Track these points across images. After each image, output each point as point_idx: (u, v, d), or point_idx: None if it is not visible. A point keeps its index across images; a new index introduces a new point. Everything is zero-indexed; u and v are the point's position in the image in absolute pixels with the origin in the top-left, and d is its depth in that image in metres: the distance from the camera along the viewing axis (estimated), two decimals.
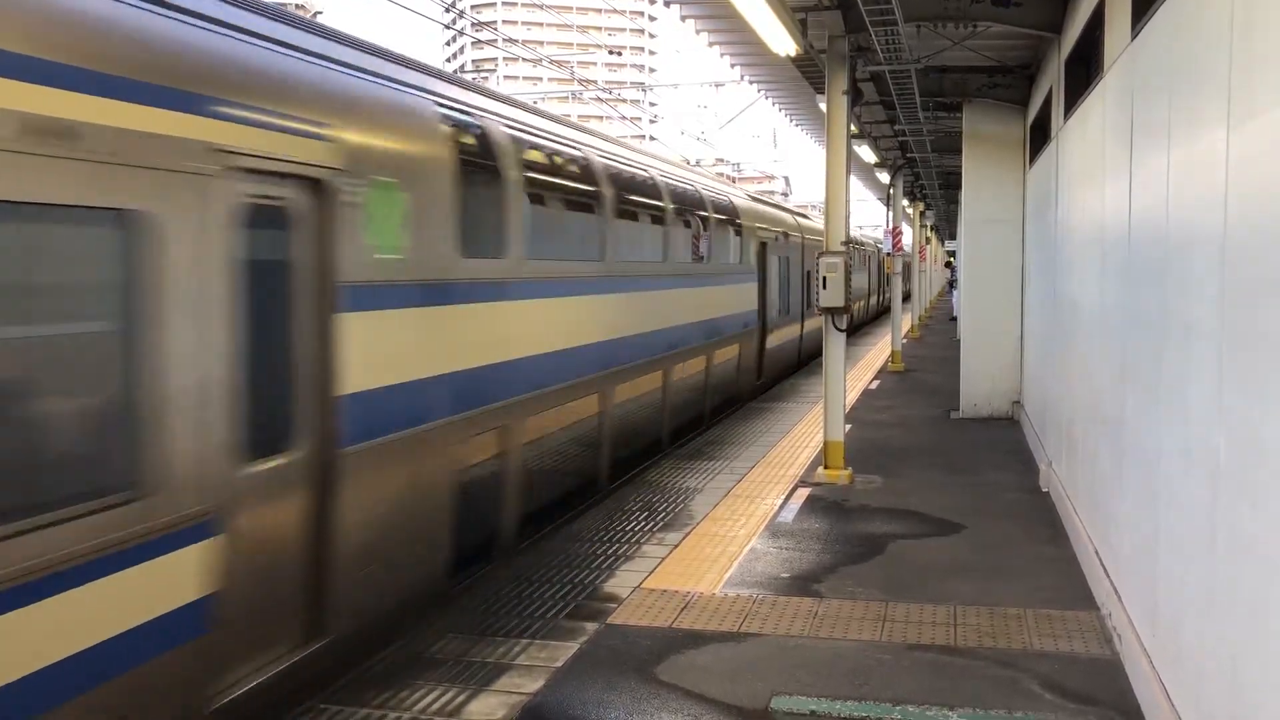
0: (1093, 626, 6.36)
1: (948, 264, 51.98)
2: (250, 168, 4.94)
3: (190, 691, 4.59)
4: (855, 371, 21.29)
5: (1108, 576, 6.47)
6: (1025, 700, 5.34)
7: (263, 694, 5.01)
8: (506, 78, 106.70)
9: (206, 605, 4.63)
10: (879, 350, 26.15)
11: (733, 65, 14.51)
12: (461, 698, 5.42)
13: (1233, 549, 3.75)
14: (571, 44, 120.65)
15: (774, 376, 19.12)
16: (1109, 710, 5.24)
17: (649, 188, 11.70)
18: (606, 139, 11.56)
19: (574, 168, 9.61)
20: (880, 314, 41.43)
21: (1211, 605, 4.01)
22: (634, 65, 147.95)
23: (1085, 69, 8.91)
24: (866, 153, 19.86)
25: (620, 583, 7.33)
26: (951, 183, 27.05)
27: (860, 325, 33.89)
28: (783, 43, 9.80)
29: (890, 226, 24.24)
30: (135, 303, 4.32)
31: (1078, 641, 6.14)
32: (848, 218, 10.74)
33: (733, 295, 15.18)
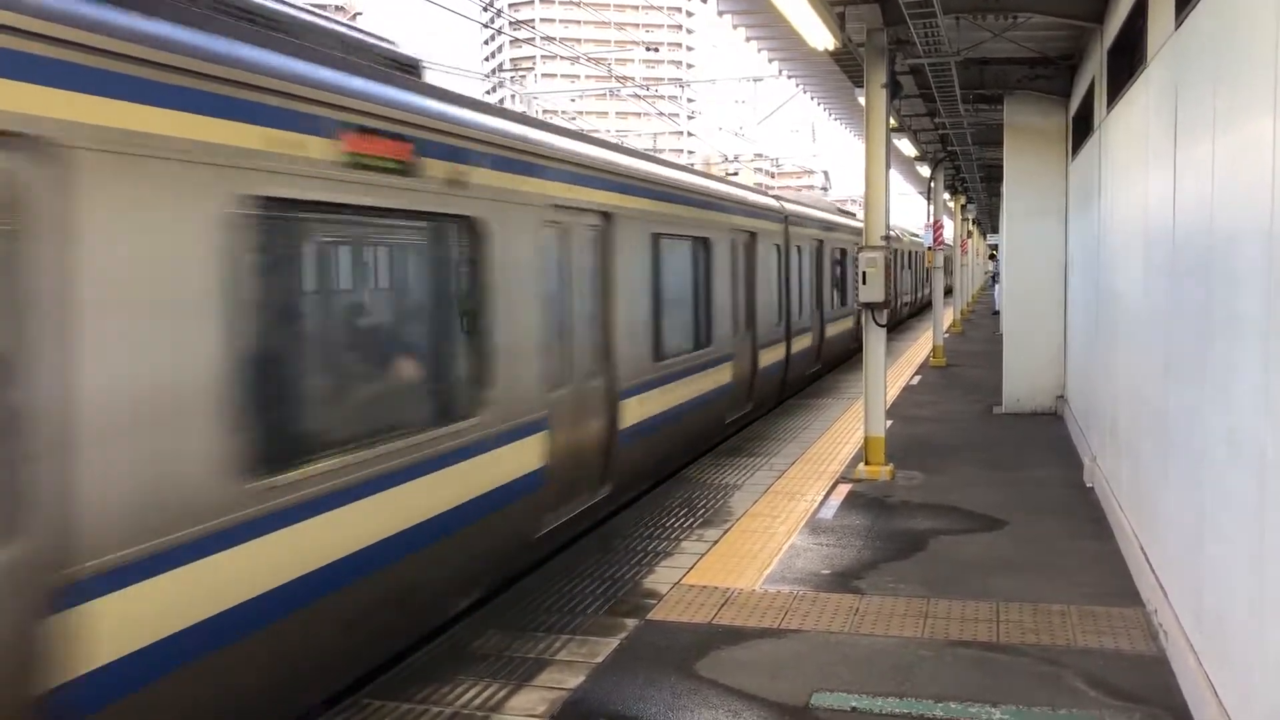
0: (1138, 623, 6.29)
1: (991, 256, 51.46)
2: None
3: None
4: (897, 367, 21.17)
5: (1153, 572, 6.39)
6: (1069, 697, 5.29)
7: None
8: (544, 75, 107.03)
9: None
10: (920, 345, 25.96)
11: (770, 60, 14.47)
12: (502, 693, 5.46)
13: None
14: (609, 41, 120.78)
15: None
16: (1155, 708, 5.18)
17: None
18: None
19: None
20: (921, 309, 40.65)
21: (1260, 600, 3.95)
22: (671, 61, 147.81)
23: (1128, 59, 8.80)
24: (906, 146, 19.72)
25: (660, 579, 7.34)
26: (993, 176, 26.77)
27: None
28: (820, 37, 9.75)
29: (931, 220, 24.01)
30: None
31: (1123, 638, 6.07)
32: (888, 210, 10.68)
33: None
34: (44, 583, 3.69)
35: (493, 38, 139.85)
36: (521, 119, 7.77)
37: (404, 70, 6.54)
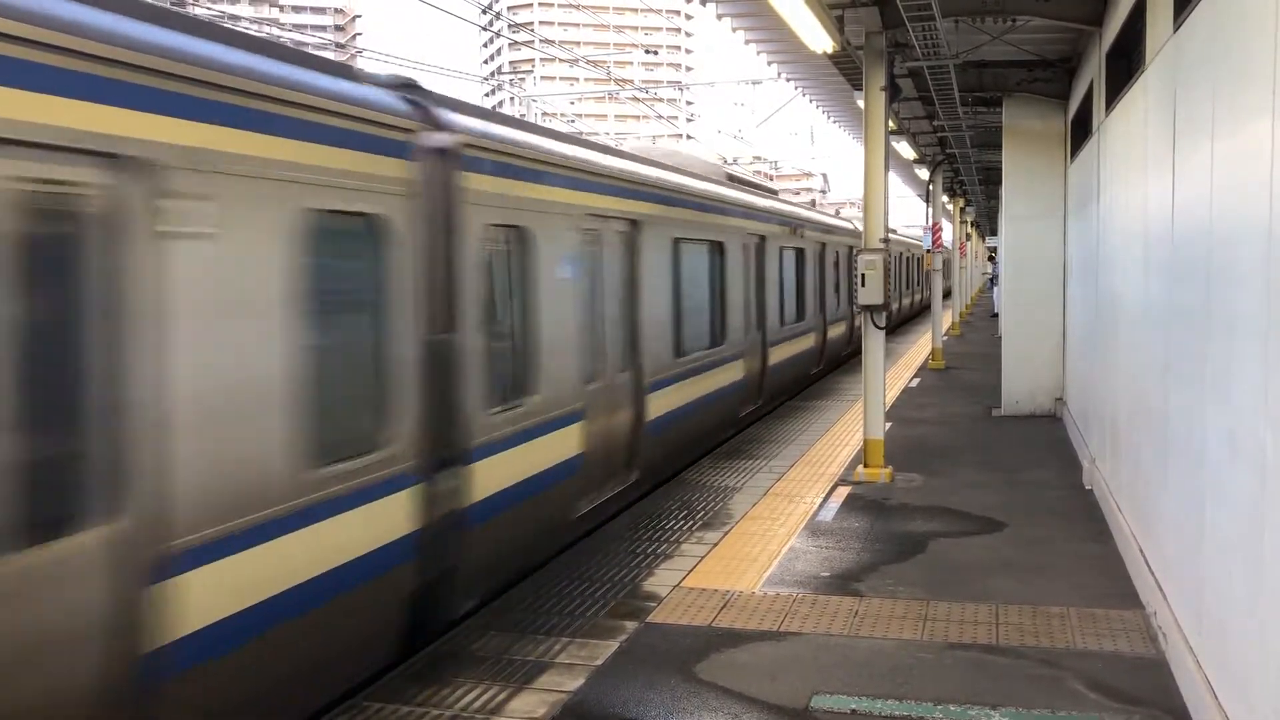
0: (1137, 625, 6.29)
1: (990, 258, 51.54)
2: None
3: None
4: (895, 369, 21.17)
5: (1152, 574, 6.40)
6: (1069, 700, 5.29)
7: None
8: (543, 78, 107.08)
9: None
10: (919, 348, 25.97)
11: (770, 63, 14.48)
12: (502, 696, 5.46)
13: None
14: (608, 44, 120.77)
15: None
16: (1155, 710, 5.18)
17: None
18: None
19: None
20: (911, 318, 39.91)
21: (1260, 603, 3.95)
22: (670, 64, 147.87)
23: (1127, 62, 8.81)
24: (905, 149, 19.72)
25: (660, 581, 7.34)
26: (992, 178, 26.80)
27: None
28: (820, 40, 9.76)
29: (930, 223, 24.03)
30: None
31: (1122, 640, 6.07)
32: (887, 210, 10.69)
33: None
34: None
35: (491, 40, 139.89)
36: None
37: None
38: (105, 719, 3.99)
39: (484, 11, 22.74)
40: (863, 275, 10.34)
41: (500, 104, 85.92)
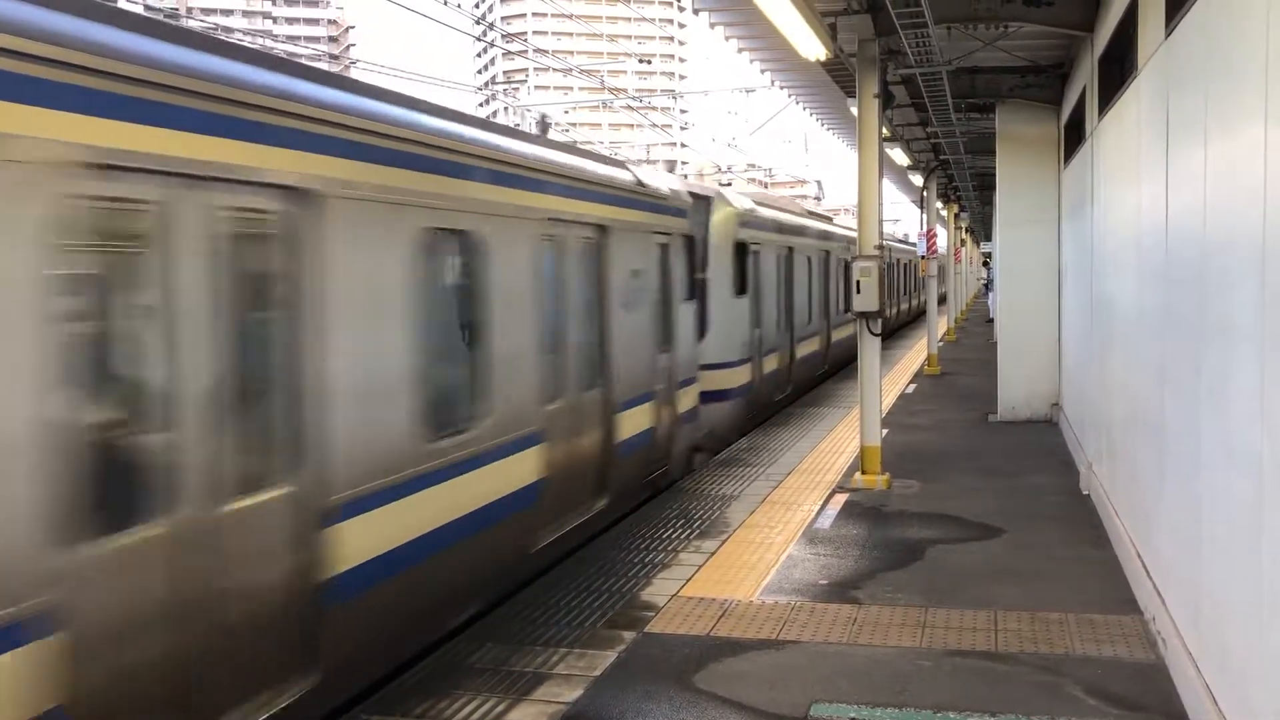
0: (1136, 631, 6.28)
1: (985, 263, 51.66)
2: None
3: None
4: (891, 376, 21.17)
5: (1151, 580, 6.39)
6: (1069, 706, 5.28)
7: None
8: (537, 87, 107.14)
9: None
10: (915, 354, 25.98)
11: (763, 71, 14.51)
12: (501, 707, 5.44)
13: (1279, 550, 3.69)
14: (601, 53, 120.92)
15: None
16: (1154, 715, 5.17)
17: None
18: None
19: None
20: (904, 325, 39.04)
21: (1258, 608, 3.95)
22: (664, 73, 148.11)
23: (1119, 67, 8.83)
24: (899, 155, 19.76)
25: (657, 591, 7.33)
26: (986, 184, 26.83)
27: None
28: (812, 47, 9.77)
29: (925, 229, 24.06)
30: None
31: (1121, 646, 6.06)
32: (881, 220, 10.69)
33: None
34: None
35: (485, 50, 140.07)
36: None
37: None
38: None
39: (478, 22, 22.74)
40: (858, 282, 10.35)
41: (494, 114, 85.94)
